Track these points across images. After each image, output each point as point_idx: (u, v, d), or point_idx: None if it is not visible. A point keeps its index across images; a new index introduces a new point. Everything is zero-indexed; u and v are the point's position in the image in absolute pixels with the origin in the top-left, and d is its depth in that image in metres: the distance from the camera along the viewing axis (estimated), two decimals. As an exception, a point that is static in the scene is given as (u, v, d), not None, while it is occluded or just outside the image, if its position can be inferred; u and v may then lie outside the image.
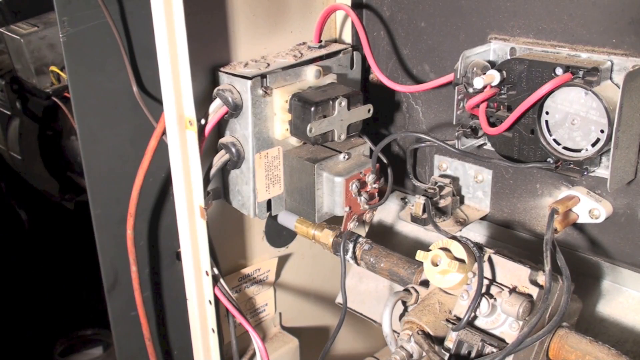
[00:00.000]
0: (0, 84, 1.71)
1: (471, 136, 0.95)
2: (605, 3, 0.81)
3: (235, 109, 0.94)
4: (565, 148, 0.85)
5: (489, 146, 0.96)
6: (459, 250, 0.84)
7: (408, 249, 1.15)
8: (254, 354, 1.13)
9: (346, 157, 1.00)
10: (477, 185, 1.03)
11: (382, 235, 1.22)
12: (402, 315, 0.90)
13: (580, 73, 0.80)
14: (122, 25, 0.97)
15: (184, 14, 0.82)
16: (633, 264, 0.90)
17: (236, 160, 0.97)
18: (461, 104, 0.92)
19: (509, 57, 0.90)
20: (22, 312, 2.04)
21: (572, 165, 0.85)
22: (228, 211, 1.06)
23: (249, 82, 0.92)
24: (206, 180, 0.95)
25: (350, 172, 0.98)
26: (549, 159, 0.86)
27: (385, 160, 1.02)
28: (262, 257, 1.18)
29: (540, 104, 0.85)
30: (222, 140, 0.99)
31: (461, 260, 0.83)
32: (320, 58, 1.02)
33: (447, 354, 0.82)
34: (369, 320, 1.18)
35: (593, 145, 0.82)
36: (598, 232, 0.92)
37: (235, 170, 1.00)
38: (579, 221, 0.90)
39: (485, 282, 0.82)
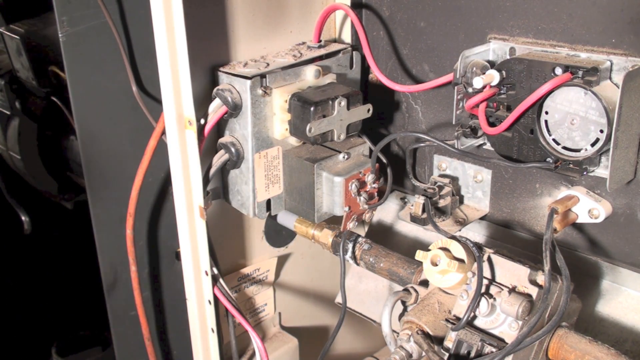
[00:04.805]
0: (0, 83, 1.71)
1: (470, 136, 0.95)
2: (604, 3, 0.81)
3: (234, 109, 0.94)
4: (564, 148, 0.85)
5: (488, 146, 0.96)
6: (459, 250, 0.84)
7: (407, 248, 1.15)
8: (253, 354, 1.13)
9: (346, 157, 1.00)
10: (477, 185, 1.03)
11: (382, 235, 1.22)
12: (401, 315, 0.90)
13: (580, 73, 0.80)
14: (121, 25, 0.97)
15: (183, 14, 0.82)
16: (632, 263, 0.90)
17: (235, 160, 0.97)
18: (460, 104, 0.92)
19: (508, 57, 0.90)
20: (21, 312, 2.04)
21: (571, 165, 0.85)
22: (227, 211, 1.06)
23: (249, 82, 0.92)
24: (206, 180, 0.95)
25: (350, 172, 0.98)
26: (548, 159, 0.87)
27: (384, 160, 1.02)
28: (261, 257, 1.18)
29: (539, 103, 0.85)
30: (221, 140, 0.99)
31: (461, 260, 0.83)
32: (320, 58, 1.02)
33: (447, 354, 0.82)
34: (369, 320, 1.18)
35: (592, 145, 0.82)
36: (597, 232, 0.92)
37: (234, 170, 1.00)
38: (579, 221, 0.90)
39: (485, 281, 0.82)
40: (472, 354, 0.80)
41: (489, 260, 0.84)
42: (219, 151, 0.98)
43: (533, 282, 0.80)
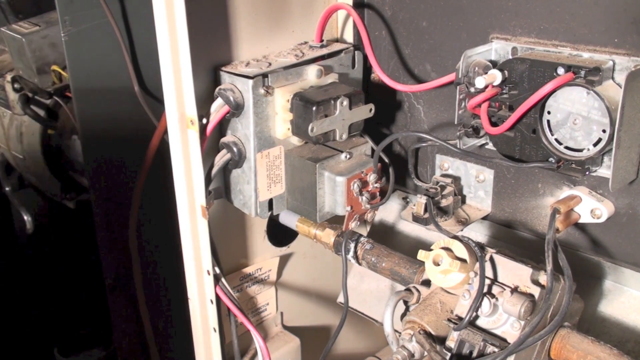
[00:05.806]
0: (2, 83, 1.71)
1: (473, 136, 0.95)
2: (607, 3, 0.81)
3: (236, 109, 0.94)
4: (567, 148, 0.85)
5: (490, 146, 0.96)
6: (461, 250, 0.84)
7: (409, 248, 1.15)
8: (255, 354, 1.13)
9: (348, 156, 1.00)
10: (479, 185, 1.03)
11: (384, 235, 1.22)
12: (403, 315, 0.90)
13: (582, 73, 0.80)
14: (123, 24, 0.97)
15: (185, 13, 0.82)
16: (635, 263, 0.90)
17: (237, 160, 0.97)
18: (463, 104, 0.92)
19: (510, 57, 0.90)
20: (22, 311, 2.04)
21: (573, 165, 0.85)
22: (229, 210, 1.06)
23: (251, 81, 0.92)
24: (208, 179, 0.95)
25: (352, 171, 0.98)
26: (550, 159, 0.86)
27: (386, 160, 1.02)
28: (263, 257, 1.18)
29: (542, 103, 0.85)
30: (223, 140, 0.99)
31: (463, 260, 0.83)
32: (322, 57, 1.02)
33: (449, 354, 0.82)
34: (371, 320, 1.18)
35: (595, 145, 0.82)
36: (600, 232, 0.92)
37: (236, 170, 1.00)
38: (581, 221, 0.90)
39: (487, 281, 0.82)
40: (474, 354, 0.80)
41: (491, 260, 0.83)
42: (221, 151, 0.98)
43: (535, 282, 0.80)
